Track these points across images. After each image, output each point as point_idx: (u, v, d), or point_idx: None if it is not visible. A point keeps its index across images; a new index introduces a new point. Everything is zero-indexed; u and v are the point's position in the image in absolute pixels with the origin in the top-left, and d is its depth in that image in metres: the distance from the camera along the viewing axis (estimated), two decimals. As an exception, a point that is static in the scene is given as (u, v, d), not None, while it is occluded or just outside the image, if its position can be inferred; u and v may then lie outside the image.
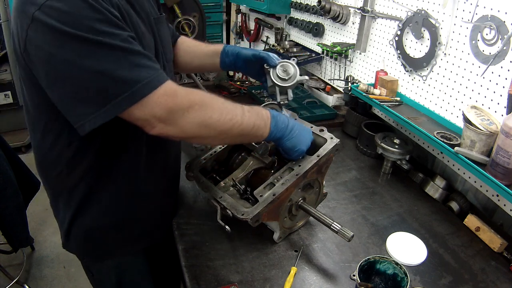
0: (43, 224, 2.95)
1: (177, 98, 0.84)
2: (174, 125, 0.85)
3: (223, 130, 0.91)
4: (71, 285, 2.48)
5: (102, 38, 0.77)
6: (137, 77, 0.79)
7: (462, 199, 1.36)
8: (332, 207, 1.32)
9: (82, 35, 0.75)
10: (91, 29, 0.76)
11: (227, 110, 0.91)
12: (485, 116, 1.19)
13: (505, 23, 1.13)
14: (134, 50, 0.81)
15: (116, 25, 0.80)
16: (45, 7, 0.75)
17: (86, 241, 1.15)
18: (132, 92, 0.79)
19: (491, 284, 1.05)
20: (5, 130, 3.74)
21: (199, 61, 1.33)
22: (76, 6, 0.75)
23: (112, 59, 0.78)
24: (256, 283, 1.00)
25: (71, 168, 1.01)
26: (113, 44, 0.78)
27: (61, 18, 0.75)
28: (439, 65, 1.41)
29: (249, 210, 0.98)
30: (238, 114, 0.93)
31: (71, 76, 0.79)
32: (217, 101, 0.92)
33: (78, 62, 0.77)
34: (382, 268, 0.98)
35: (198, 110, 0.86)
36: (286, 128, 1.01)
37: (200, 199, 1.32)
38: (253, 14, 2.96)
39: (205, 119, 0.88)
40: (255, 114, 0.97)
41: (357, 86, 1.63)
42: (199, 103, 0.87)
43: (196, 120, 0.87)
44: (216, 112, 0.89)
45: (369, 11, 1.69)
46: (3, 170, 1.91)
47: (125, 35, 0.81)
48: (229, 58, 1.26)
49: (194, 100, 0.86)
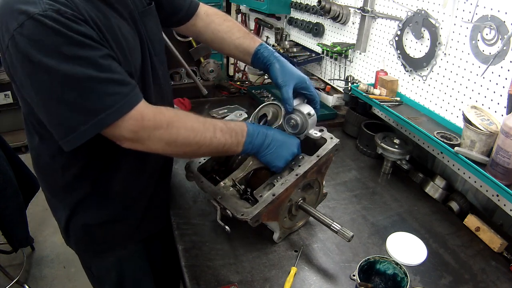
0: (43, 224, 2.95)
1: (143, 122, 0.87)
2: (141, 144, 0.90)
3: (190, 150, 0.96)
4: (71, 285, 2.48)
5: (72, 67, 0.78)
6: (104, 106, 0.82)
7: (462, 199, 1.36)
8: (332, 207, 1.32)
9: (52, 66, 0.77)
10: (60, 56, 0.78)
11: (195, 132, 0.93)
12: (485, 116, 1.19)
13: (505, 23, 1.13)
14: (102, 78, 0.82)
15: (87, 46, 0.81)
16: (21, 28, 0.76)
17: (84, 237, 1.16)
18: (98, 120, 0.83)
19: (491, 284, 1.05)
20: (5, 130, 3.74)
21: (229, 51, 1.28)
22: (47, 33, 0.77)
23: (80, 90, 0.81)
24: (256, 283, 1.00)
25: (66, 169, 1.04)
26: (81, 74, 0.79)
27: (33, 44, 0.77)
28: (439, 65, 1.41)
29: (248, 210, 0.98)
30: (207, 136, 0.95)
31: (42, 104, 0.84)
32: (185, 122, 0.93)
33: (48, 92, 0.81)
34: (382, 268, 0.98)
35: (163, 132, 0.90)
36: (262, 145, 1.02)
37: (200, 199, 1.32)
38: (253, 14, 2.96)
39: (171, 140, 0.91)
40: (228, 133, 0.98)
41: (357, 86, 1.63)
42: (166, 125, 0.90)
43: (162, 142, 0.91)
44: (182, 134, 0.92)
45: (369, 11, 1.69)
46: (3, 170, 1.91)
47: (96, 56, 0.81)
48: (259, 65, 1.22)
49: (160, 122, 0.89)
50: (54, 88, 0.80)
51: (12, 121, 3.85)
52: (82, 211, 1.11)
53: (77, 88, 0.80)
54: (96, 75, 0.81)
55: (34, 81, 0.81)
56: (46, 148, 1.01)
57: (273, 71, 1.14)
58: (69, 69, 0.78)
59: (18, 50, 0.78)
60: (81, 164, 1.02)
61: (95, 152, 1.00)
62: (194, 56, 2.20)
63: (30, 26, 0.76)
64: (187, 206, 1.29)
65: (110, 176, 1.07)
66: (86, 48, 0.80)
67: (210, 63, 2.24)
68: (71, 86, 0.80)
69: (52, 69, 0.78)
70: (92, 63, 0.81)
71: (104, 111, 0.82)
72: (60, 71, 0.78)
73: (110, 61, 0.85)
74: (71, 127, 0.83)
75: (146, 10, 1.06)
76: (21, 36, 0.76)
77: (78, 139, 0.84)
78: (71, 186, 1.06)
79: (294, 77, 1.11)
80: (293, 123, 1.10)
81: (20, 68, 0.81)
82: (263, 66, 1.19)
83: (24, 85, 0.84)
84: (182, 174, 1.40)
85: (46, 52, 0.77)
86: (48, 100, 0.83)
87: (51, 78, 0.79)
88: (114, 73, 0.84)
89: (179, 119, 0.93)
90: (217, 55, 2.49)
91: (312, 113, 1.09)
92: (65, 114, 0.83)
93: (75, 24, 0.79)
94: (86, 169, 1.04)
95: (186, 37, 2.14)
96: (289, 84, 1.09)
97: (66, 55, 0.78)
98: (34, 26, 0.76)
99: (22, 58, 0.79)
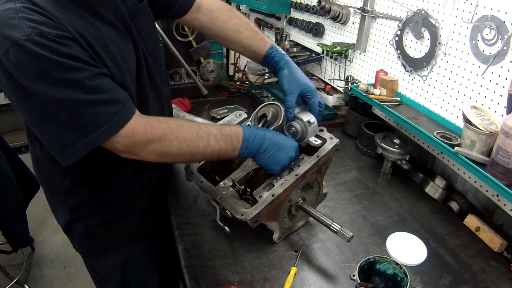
0: (43, 224, 2.95)
1: (134, 138, 0.88)
2: (136, 156, 0.91)
3: (184, 159, 1.02)
4: (71, 285, 2.48)
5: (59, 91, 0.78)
6: (95, 126, 0.83)
7: (462, 199, 1.36)
8: (332, 207, 1.32)
9: (40, 91, 0.78)
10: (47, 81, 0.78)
11: (188, 143, 0.94)
12: (485, 116, 1.19)
13: (505, 23, 1.13)
14: (91, 100, 0.82)
15: (74, 69, 0.80)
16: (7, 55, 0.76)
17: (86, 239, 1.17)
18: (91, 139, 0.84)
19: (491, 284, 1.05)
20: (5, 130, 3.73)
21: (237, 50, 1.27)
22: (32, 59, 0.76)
23: (70, 113, 0.81)
24: (256, 283, 1.00)
25: (66, 174, 1.05)
26: (70, 98, 0.80)
27: (20, 70, 0.77)
28: (439, 65, 1.41)
29: (248, 210, 0.98)
30: (201, 144, 0.95)
31: (35, 123, 0.85)
32: (178, 134, 0.93)
33: (39, 114, 0.82)
34: (382, 268, 0.98)
35: (156, 145, 0.91)
36: (259, 149, 1.01)
37: (200, 199, 1.32)
38: (253, 14, 2.96)
39: (164, 153, 0.93)
40: (223, 140, 0.97)
41: (357, 86, 1.62)
42: (157, 139, 0.91)
43: (155, 154, 0.92)
44: (174, 146, 0.93)
45: (369, 11, 1.69)
46: (3, 170, 1.91)
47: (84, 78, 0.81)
48: (269, 67, 1.22)
49: (151, 137, 0.90)
50: (44, 110, 0.81)
51: (12, 121, 3.85)
52: (82, 214, 1.12)
53: (66, 111, 0.81)
54: (83, 97, 0.81)
55: (25, 103, 0.82)
56: (46, 154, 1.02)
57: (281, 77, 1.14)
58: (57, 93, 0.78)
59: (7, 74, 0.78)
60: (81, 169, 1.03)
61: (95, 157, 0.99)
62: (194, 56, 2.20)
63: (15, 52, 0.75)
64: (187, 206, 1.29)
65: (110, 180, 1.09)
66: (73, 71, 0.79)
67: (210, 63, 2.24)
68: (61, 108, 0.80)
69: (40, 93, 0.78)
70: (80, 86, 0.80)
71: (96, 130, 0.83)
72: (49, 95, 0.78)
73: (98, 81, 0.84)
74: (64, 145, 0.84)
75: (137, 9, 1.03)
76: (8, 62, 0.76)
77: (73, 157, 0.85)
78: (71, 190, 1.08)
79: (301, 86, 1.11)
80: (293, 131, 1.10)
81: (11, 90, 0.81)
82: (273, 69, 1.19)
83: (16, 105, 0.84)
84: (182, 174, 1.40)
85: (33, 77, 0.77)
86: (39, 120, 0.84)
87: (41, 102, 0.80)
88: (103, 93, 0.84)
89: (171, 131, 0.92)
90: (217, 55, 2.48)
91: (313, 121, 1.09)
92: (58, 133, 0.84)
93: (60, 46, 0.78)
94: (86, 174, 1.05)
95: (186, 37, 2.14)
96: (294, 92, 1.09)
97: (53, 79, 0.78)
98: (19, 52, 0.75)
99: (12, 82, 0.79)
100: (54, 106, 0.80)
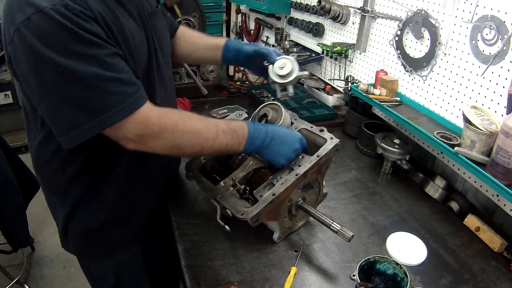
0: (43, 224, 2.95)
1: (148, 125, 0.87)
2: (146, 146, 0.90)
3: (193, 152, 1.01)
4: (71, 285, 2.48)
5: (77, 64, 0.78)
6: (108, 105, 0.82)
7: (462, 199, 1.36)
8: (332, 207, 1.32)
9: (57, 61, 0.77)
10: (67, 52, 0.77)
11: (199, 135, 0.94)
12: (485, 116, 1.19)
13: (505, 23, 1.13)
14: (107, 76, 0.81)
15: (94, 44, 0.80)
16: (28, 22, 0.76)
17: (83, 240, 1.16)
18: (101, 119, 0.82)
19: (491, 284, 1.05)
20: (5, 130, 3.73)
21: (199, 54, 1.33)
22: (55, 28, 0.76)
23: (84, 88, 0.80)
24: (256, 283, 1.00)
25: (66, 166, 1.03)
26: (87, 71, 0.79)
27: (40, 38, 0.76)
28: (439, 65, 1.41)
29: (248, 210, 0.98)
30: (210, 138, 0.96)
31: (45, 99, 0.83)
32: (190, 125, 0.94)
33: (51, 88, 0.80)
34: (382, 268, 0.98)
35: (168, 136, 0.90)
36: (262, 145, 1.03)
37: (200, 199, 1.32)
38: (253, 14, 2.96)
39: (175, 144, 0.92)
40: (230, 134, 0.99)
41: (357, 86, 1.63)
42: (170, 129, 0.90)
43: (166, 145, 0.91)
44: (186, 138, 0.93)
45: (369, 11, 1.69)
46: (3, 170, 1.91)
47: (103, 54, 0.81)
48: (230, 53, 1.27)
49: (165, 126, 0.89)
50: (57, 83, 0.80)
51: (12, 121, 3.85)
52: (80, 212, 1.10)
53: (81, 85, 0.80)
54: (101, 73, 0.80)
55: (38, 75, 0.80)
56: (47, 145, 1.01)
57: (246, 48, 1.25)
58: (75, 66, 0.78)
59: (24, 42, 0.77)
60: (81, 161, 1.01)
61: (96, 148, 0.99)
62: (194, 56, 2.20)
63: (38, 19, 0.75)
64: (187, 206, 1.29)
65: (110, 173, 1.07)
66: (93, 46, 0.80)
67: (210, 63, 2.24)
68: (75, 82, 0.79)
69: (57, 64, 0.77)
70: (98, 61, 0.80)
71: (109, 110, 0.82)
72: (65, 67, 0.77)
73: (116, 60, 0.85)
74: (72, 124, 0.83)
75: (154, 12, 1.06)
76: (27, 29, 0.76)
77: (79, 138, 0.84)
78: (71, 184, 1.05)
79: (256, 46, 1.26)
80: (283, 65, 1.15)
81: (24, 62, 0.80)
82: (235, 52, 1.27)
83: (28, 78, 0.82)
84: (182, 174, 1.40)
85: (52, 46, 0.77)
86: (50, 95, 0.82)
87: (56, 73, 0.78)
88: (120, 72, 0.84)
89: (183, 121, 0.93)
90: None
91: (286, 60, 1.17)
92: (67, 111, 0.82)
93: (83, 21, 0.79)
94: (86, 166, 1.03)
95: (186, 37, 2.14)
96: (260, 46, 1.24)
97: (73, 51, 0.78)
98: (42, 20, 0.75)
99: (27, 51, 0.78)
100: (68, 78, 0.79)
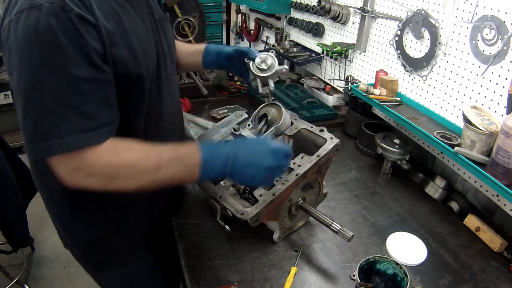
0: (43, 224, 2.95)
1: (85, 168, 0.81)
2: (75, 183, 0.83)
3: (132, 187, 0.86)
4: (71, 285, 2.47)
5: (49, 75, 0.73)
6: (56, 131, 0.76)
7: (462, 199, 1.36)
8: (332, 207, 1.32)
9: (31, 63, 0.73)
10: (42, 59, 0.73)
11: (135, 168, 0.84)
12: (485, 116, 1.19)
13: (505, 23, 1.13)
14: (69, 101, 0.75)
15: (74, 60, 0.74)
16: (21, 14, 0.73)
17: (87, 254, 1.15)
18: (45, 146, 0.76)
19: (491, 284, 1.05)
20: (5, 130, 3.73)
21: (182, 60, 1.32)
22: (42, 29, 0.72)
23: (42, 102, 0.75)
24: (256, 283, 1.00)
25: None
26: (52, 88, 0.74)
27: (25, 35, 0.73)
28: (439, 65, 1.41)
29: (248, 210, 0.98)
30: (151, 169, 0.85)
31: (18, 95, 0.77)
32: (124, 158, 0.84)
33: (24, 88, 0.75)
34: (382, 268, 0.98)
35: (97, 180, 0.83)
36: (224, 169, 0.89)
37: (200, 199, 1.32)
38: (253, 14, 2.96)
39: (104, 186, 0.85)
40: (176, 163, 0.86)
41: (357, 86, 1.63)
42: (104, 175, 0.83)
43: (95, 186, 0.84)
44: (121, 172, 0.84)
45: (369, 11, 1.69)
46: (3, 170, 1.91)
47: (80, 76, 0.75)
48: (211, 56, 1.27)
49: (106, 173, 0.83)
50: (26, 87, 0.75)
51: (12, 121, 3.85)
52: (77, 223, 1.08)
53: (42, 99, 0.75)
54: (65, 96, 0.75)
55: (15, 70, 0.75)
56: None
57: (226, 49, 1.26)
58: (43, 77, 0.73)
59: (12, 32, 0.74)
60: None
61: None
62: (194, 56, 2.19)
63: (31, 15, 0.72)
64: (187, 206, 1.29)
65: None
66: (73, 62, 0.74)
67: (210, 63, 2.24)
68: (40, 93, 0.74)
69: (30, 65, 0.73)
70: (70, 81, 0.74)
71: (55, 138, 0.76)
72: (35, 73, 0.73)
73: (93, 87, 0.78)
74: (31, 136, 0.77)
75: (163, 18, 1.05)
76: (17, 23, 0.73)
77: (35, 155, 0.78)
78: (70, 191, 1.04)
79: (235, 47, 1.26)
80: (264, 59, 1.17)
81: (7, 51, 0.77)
82: (215, 55, 1.27)
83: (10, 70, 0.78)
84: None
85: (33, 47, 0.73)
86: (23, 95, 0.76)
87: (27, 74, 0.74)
88: (86, 103, 0.77)
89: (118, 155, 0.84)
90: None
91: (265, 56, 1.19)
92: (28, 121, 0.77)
93: (76, 30, 0.74)
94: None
95: (186, 37, 2.14)
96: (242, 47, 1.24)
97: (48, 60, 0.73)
98: (34, 16, 0.71)
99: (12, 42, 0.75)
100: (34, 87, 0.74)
